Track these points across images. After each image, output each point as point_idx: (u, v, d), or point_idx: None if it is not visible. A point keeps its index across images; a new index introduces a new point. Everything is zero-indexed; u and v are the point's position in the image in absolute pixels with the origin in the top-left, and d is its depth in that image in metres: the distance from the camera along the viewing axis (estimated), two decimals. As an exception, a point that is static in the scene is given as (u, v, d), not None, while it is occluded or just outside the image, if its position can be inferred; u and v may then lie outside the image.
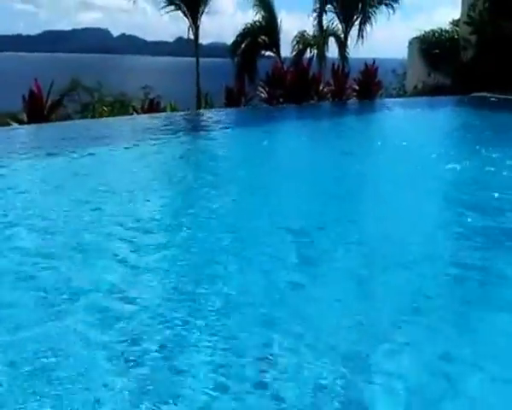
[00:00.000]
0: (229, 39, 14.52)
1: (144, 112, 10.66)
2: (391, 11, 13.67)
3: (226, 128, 9.43)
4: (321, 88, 12.53)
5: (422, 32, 17.42)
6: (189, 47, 12.67)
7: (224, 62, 14.74)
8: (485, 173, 5.50)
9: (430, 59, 17.01)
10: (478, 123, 9.87)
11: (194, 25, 12.15)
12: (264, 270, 3.29)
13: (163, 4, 11.98)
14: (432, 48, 16.93)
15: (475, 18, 14.97)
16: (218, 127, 9.49)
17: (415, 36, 17.73)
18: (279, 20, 13.81)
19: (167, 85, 19.03)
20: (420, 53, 17.41)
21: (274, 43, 14.05)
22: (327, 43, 15.06)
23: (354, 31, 14.31)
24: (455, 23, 17.09)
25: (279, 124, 10.21)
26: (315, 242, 3.84)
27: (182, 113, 11.19)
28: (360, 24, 14.04)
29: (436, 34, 16.98)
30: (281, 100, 12.11)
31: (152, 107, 10.72)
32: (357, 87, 12.73)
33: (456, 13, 17.06)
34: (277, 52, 14.06)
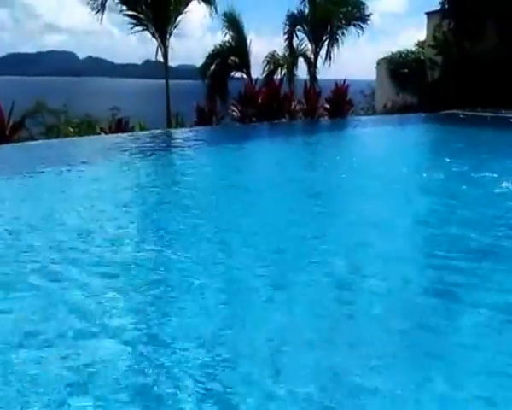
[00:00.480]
0: (198, 61, 14.42)
1: (112, 132, 10.33)
2: (360, 31, 13.83)
3: (193, 146, 9.22)
4: (292, 107, 12.52)
5: (390, 54, 17.81)
6: (157, 69, 12.48)
7: (195, 85, 14.62)
8: (452, 186, 5.43)
9: (398, 79, 17.34)
10: (446, 137, 9.98)
11: (163, 45, 11.97)
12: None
13: (131, 25, 11.79)
14: (399, 68, 17.29)
15: (440, 39, 15.36)
16: (185, 145, 9.30)
17: (382, 57, 18.10)
18: (248, 41, 13.82)
19: (138, 107, 18.70)
20: (388, 73, 17.74)
21: (244, 64, 14.00)
22: (296, 64, 15.16)
23: (324, 51, 14.48)
24: (420, 44, 17.53)
25: (248, 141, 10.11)
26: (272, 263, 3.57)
27: (149, 131, 10.90)
28: (328, 45, 14.21)
29: (403, 55, 17.36)
30: (253, 119, 12.02)
31: (120, 126, 10.41)
32: (328, 106, 12.77)
33: (420, 35, 17.53)
34: (248, 73, 14.00)
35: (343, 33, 14.20)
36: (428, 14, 16.63)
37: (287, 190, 5.57)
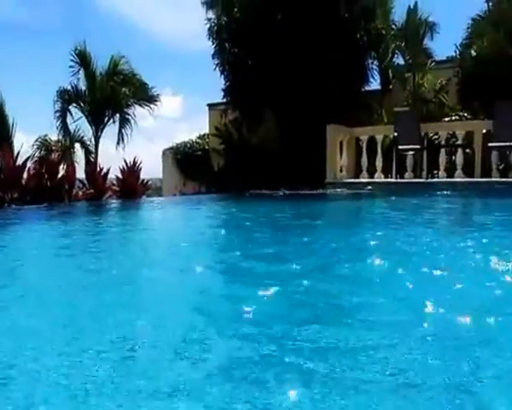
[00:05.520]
0: None
1: None
2: (150, 110, 13.01)
3: None
4: (74, 189, 10.60)
5: (175, 144, 17.64)
6: None
7: None
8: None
9: (185, 168, 17.14)
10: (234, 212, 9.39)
11: None
12: None
13: None
14: (185, 158, 17.17)
15: (222, 129, 15.80)
16: None
17: (168, 147, 17.80)
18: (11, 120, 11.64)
19: None
20: (174, 163, 17.42)
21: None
22: (73, 147, 13.46)
23: (109, 133, 13.19)
24: (201, 137, 17.82)
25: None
26: None
27: None
28: (120, 126, 13.03)
29: (188, 145, 17.35)
30: (16, 202, 9.60)
31: None
32: (117, 187, 11.20)
33: (204, 126, 17.91)
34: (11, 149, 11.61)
35: (134, 114, 13.23)
36: (210, 105, 17.20)
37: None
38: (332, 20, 12.18)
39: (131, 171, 11.44)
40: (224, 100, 14.67)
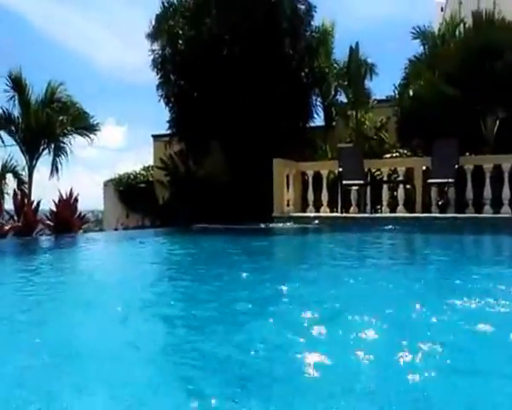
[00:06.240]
0: None
1: None
2: (89, 139, 12.45)
3: None
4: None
5: (117, 175, 17.08)
6: None
7: None
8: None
9: (128, 200, 16.59)
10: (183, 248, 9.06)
11: None
12: None
13: None
14: (128, 189, 16.64)
15: (167, 161, 15.49)
16: None
17: (110, 178, 17.20)
18: None
19: None
20: (116, 194, 16.83)
21: None
22: (4, 178, 12.65)
23: (46, 163, 12.51)
24: (146, 168, 17.37)
25: None
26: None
27: None
28: (54, 156, 12.38)
29: (132, 176, 16.85)
30: None
31: None
32: (50, 222, 10.51)
33: (148, 157, 17.48)
34: None
35: (71, 143, 12.61)
36: (155, 136, 16.86)
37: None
38: (277, 56, 12.40)
39: (67, 203, 10.84)
40: (170, 131, 14.41)
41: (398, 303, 2.95)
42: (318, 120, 14.20)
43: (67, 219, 10.76)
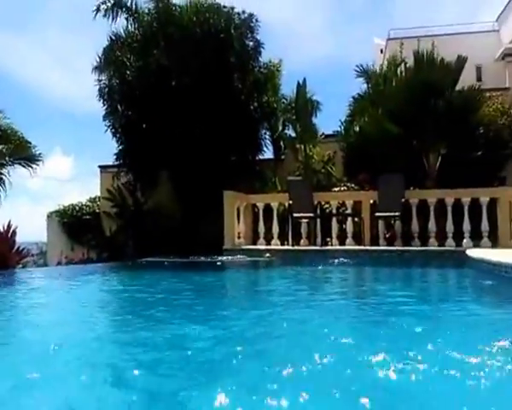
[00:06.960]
0: None
1: None
2: (31, 170, 11.72)
3: None
4: None
5: (61, 207, 16.42)
6: None
7: None
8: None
9: (73, 233, 15.95)
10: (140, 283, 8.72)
11: None
12: None
13: None
14: (73, 221, 16.02)
15: (114, 192, 15.08)
16: None
17: (54, 209, 16.49)
18: None
19: None
20: (61, 227, 16.15)
21: None
22: None
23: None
24: (92, 200, 16.82)
25: None
26: None
27: None
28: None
29: (77, 208, 16.24)
30: None
31: None
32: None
33: (94, 188, 16.94)
34: None
35: (9, 173, 11.81)
36: (102, 167, 16.39)
37: None
38: (226, 89, 12.49)
39: (3, 237, 10.24)
40: (117, 162, 14.04)
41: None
42: (268, 153, 14.38)
43: (4, 253, 10.15)
